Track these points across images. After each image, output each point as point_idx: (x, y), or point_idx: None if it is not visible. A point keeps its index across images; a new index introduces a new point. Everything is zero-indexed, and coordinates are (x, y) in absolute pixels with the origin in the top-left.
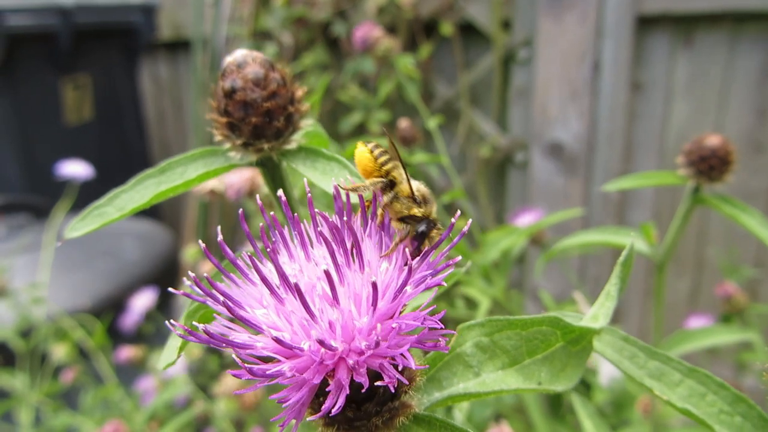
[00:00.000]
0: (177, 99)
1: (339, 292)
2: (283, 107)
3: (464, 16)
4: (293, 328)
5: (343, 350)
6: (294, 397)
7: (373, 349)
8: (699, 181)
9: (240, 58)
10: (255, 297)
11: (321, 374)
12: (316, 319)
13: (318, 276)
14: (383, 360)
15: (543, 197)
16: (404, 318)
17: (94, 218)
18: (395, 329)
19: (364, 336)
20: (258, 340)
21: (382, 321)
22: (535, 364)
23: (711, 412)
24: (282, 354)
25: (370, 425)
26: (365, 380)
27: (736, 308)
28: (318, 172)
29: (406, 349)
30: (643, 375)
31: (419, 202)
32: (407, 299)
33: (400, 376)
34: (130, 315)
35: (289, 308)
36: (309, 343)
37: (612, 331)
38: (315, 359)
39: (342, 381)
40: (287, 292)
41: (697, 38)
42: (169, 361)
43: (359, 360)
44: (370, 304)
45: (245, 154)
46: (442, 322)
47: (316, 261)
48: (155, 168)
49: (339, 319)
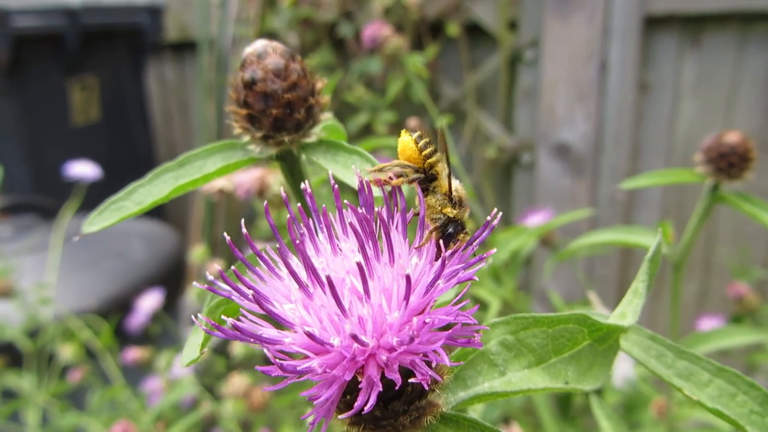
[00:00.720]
0: (183, 100)
1: (370, 286)
2: (303, 99)
3: (470, 16)
4: (322, 324)
5: (374, 346)
6: (325, 395)
7: (406, 345)
8: (718, 178)
9: (260, 49)
10: (282, 292)
11: (352, 371)
12: (347, 314)
13: (347, 269)
14: (415, 356)
15: (549, 198)
16: (436, 313)
17: (111, 212)
18: (428, 324)
19: (395, 332)
20: (286, 336)
21: (412, 316)
22: (561, 362)
23: (742, 412)
24: (312, 350)
25: (397, 424)
26: (398, 377)
27: (748, 309)
28: (339, 165)
29: (439, 345)
30: (672, 374)
31: (455, 202)
32: (438, 294)
33: (433, 373)
34: (137, 316)
35: (318, 303)
36: (339, 339)
37: (638, 330)
38: (346, 355)
39: (373, 378)
40: (315, 287)
41: (705, 38)
42: (192, 358)
43: (391, 356)
44: (401, 299)
45: (265, 147)
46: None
47: (344, 255)
48: (173, 162)
49: (369, 314)
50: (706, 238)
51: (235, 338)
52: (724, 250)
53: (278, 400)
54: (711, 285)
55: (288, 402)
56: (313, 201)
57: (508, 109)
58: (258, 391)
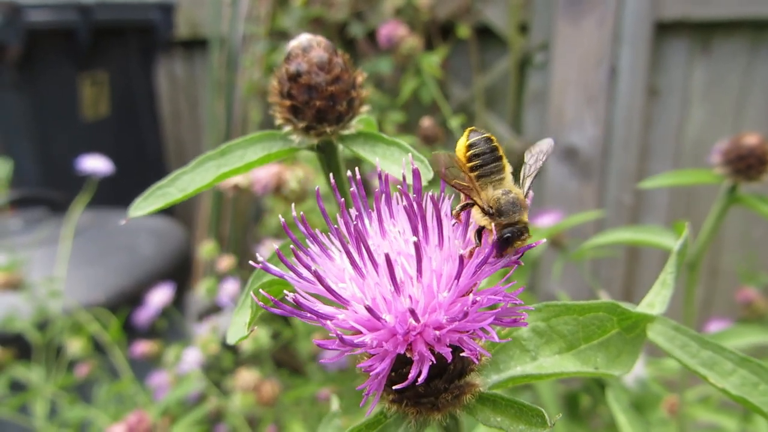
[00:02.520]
0: (192, 97)
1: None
2: (346, 91)
3: (481, 19)
4: (375, 301)
5: (424, 323)
6: (378, 367)
7: (458, 321)
8: (736, 179)
9: (305, 42)
10: (333, 272)
11: (403, 346)
12: (401, 291)
13: (397, 251)
14: (462, 335)
15: (557, 201)
16: (485, 293)
17: (156, 198)
18: (477, 303)
19: (445, 309)
20: (339, 312)
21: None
22: (591, 349)
23: (765, 400)
24: (365, 325)
25: (437, 402)
26: (448, 351)
27: (757, 313)
28: (378, 156)
29: (487, 323)
30: (696, 364)
31: (492, 214)
32: (485, 276)
33: (481, 349)
34: (146, 310)
35: (371, 281)
36: (392, 316)
37: (664, 321)
38: (398, 331)
39: (424, 352)
40: (367, 267)
41: (715, 45)
42: (240, 336)
43: (442, 333)
44: (452, 279)
45: (306, 137)
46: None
47: (392, 238)
48: (215, 150)
49: (421, 292)
50: (713, 243)
51: (292, 314)
52: (730, 256)
53: (285, 395)
54: (717, 290)
55: (294, 398)
56: (361, 187)
57: (516, 112)
58: (267, 385)
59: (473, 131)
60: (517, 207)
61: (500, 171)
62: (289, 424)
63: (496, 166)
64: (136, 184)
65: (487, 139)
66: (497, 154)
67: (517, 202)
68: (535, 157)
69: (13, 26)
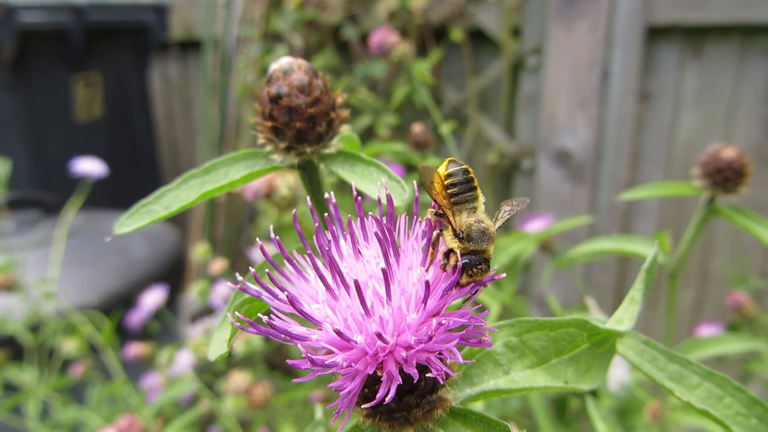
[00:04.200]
0: (186, 99)
1: (391, 289)
2: (325, 113)
3: (474, 22)
4: (347, 323)
5: (393, 344)
6: (349, 386)
7: (424, 344)
8: (714, 192)
9: (286, 65)
10: (308, 293)
11: (373, 366)
12: (371, 314)
13: (369, 274)
14: (430, 354)
15: (549, 204)
16: (451, 315)
17: (141, 215)
18: (444, 325)
19: (413, 331)
20: (313, 332)
21: (429, 318)
22: (561, 363)
23: (728, 413)
24: (337, 346)
25: (410, 416)
26: (415, 372)
27: (746, 317)
28: (357, 175)
29: (453, 344)
30: (664, 377)
31: (462, 237)
32: (453, 299)
33: (447, 369)
34: (139, 312)
35: (343, 304)
36: (362, 337)
37: (634, 335)
38: (368, 351)
39: (393, 372)
40: (341, 289)
41: (706, 50)
42: (220, 353)
43: (409, 354)
44: (420, 302)
45: (287, 157)
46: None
47: (366, 260)
48: (199, 168)
49: (390, 315)
50: (704, 248)
51: (267, 334)
52: (721, 260)
53: (277, 398)
54: (708, 294)
55: (286, 401)
56: (337, 210)
57: (509, 115)
58: (259, 388)
59: (452, 161)
60: (486, 237)
61: (474, 200)
62: (280, 426)
63: (471, 195)
64: (130, 186)
65: (465, 170)
66: (472, 185)
67: (486, 233)
68: (511, 208)
69: (6, 27)
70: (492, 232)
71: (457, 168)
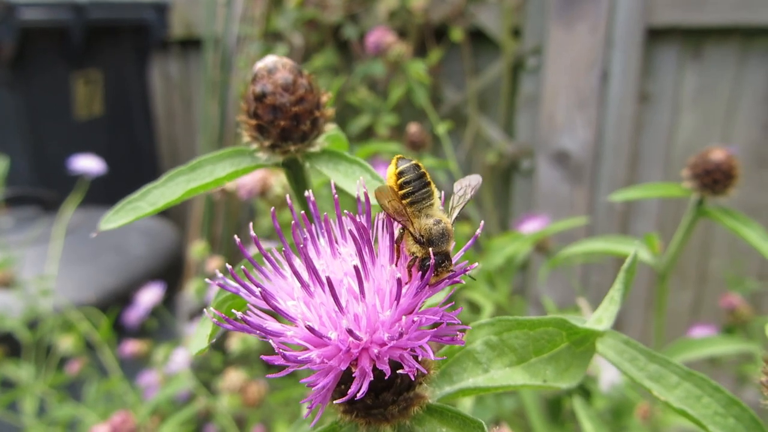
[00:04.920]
0: (186, 97)
1: (365, 287)
2: (309, 111)
3: (474, 22)
4: (321, 320)
5: (367, 341)
6: (322, 382)
7: (396, 340)
8: (703, 194)
9: (271, 64)
10: (285, 290)
11: (347, 362)
12: (344, 311)
13: (345, 271)
14: (403, 351)
15: (548, 205)
16: (425, 313)
17: (127, 212)
18: (416, 323)
19: (387, 328)
20: (288, 329)
21: (402, 315)
22: (541, 362)
23: (706, 413)
24: (311, 342)
25: (386, 413)
26: (387, 368)
27: (740, 320)
28: (341, 174)
29: (425, 341)
30: (643, 377)
31: (421, 242)
32: (426, 296)
33: (419, 366)
34: (136, 309)
35: (318, 301)
36: (336, 333)
37: (614, 335)
38: (341, 348)
39: (366, 368)
40: (316, 286)
41: (706, 51)
42: (200, 348)
43: (382, 350)
44: (393, 299)
45: (272, 155)
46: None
47: (343, 258)
48: (186, 165)
49: (364, 312)
50: (702, 250)
51: (243, 330)
52: (719, 262)
53: (273, 396)
54: (705, 296)
55: (282, 399)
56: (316, 208)
57: (509, 116)
58: (253, 387)
59: (401, 159)
60: (445, 237)
61: (430, 197)
62: (276, 425)
63: (425, 192)
64: (129, 184)
65: (415, 166)
66: (425, 180)
67: (445, 232)
68: (463, 190)
69: (7, 25)
70: (450, 229)
71: (407, 165)
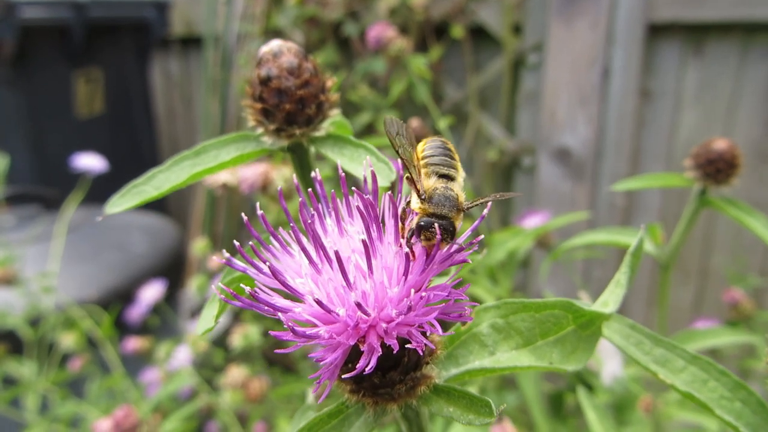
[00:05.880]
0: (187, 95)
1: (373, 264)
2: (314, 95)
3: (475, 19)
4: (329, 296)
5: (375, 317)
6: (330, 357)
7: (404, 315)
8: (706, 183)
9: (276, 48)
10: (293, 268)
11: (354, 338)
12: (352, 286)
13: (353, 248)
14: (411, 327)
15: (549, 202)
16: (433, 289)
17: (133, 196)
18: (424, 299)
19: (395, 304)
20: (297, 306)
21: (410, 291)
22: (547, 345)
23: (712, 397)
24: (319, 318)
25: (393, 392)
26: (395, 343)
27: (743, 315)
28: (346, 157)
29: (433, 317)
30: (649, 360)
31: (424, 199)
32: (434, 273)
33: (427, 341)
34: (138, 307)
35: (326, 277)
36: (344, 309)
37: (620, 319)
38: (350, 324)
39: (374, 344)
40: (324, 263)
41: (707, 47)
42: (207, 327)
43: (390, 326)
44: (401, 275)
45: (277, 139)
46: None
47: (350, 236)
48: (191, 150)
49: (372, 288)
50: (704, 245)
51: (251, 307)
52: (721, 258)
53: (274, 392)
54: (707, 292)
55: (284, 395)
56: (323, 187)
57: (510, 112)
58: (255, 383)
59: (434, 138)
60: (450, 203)
61: (449, 167)
62: (278, 420)
63: (446, 161)
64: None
65: (444, 142)
66: (451, 155)
67: (452, 199)
68: (494, 198)
69: (7, 23)
70: (459, 201)
71: (438, 140)
